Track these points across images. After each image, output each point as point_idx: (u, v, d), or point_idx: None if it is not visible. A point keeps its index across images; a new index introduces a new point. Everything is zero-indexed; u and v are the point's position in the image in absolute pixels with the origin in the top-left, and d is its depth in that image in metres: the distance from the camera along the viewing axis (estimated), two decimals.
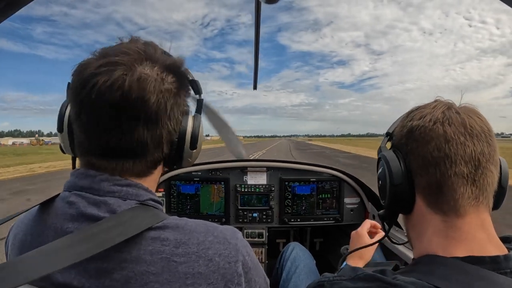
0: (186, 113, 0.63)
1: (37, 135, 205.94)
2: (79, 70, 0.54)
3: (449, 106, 0.60)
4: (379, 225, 1.23)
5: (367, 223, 1.21)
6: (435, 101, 0.64)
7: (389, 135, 0.70)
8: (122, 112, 0.53)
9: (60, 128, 0.60)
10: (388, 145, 0.70)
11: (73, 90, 0.55)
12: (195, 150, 0.64)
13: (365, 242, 1.12)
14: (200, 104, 0.66)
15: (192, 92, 0.65)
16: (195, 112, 0.66)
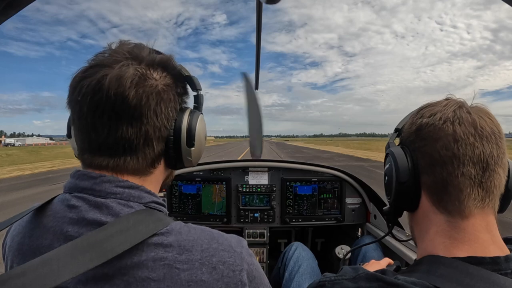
0: (182, 109, 0.62)
1: None
2: (72, 77, 0.57)
3: (461, 105, 0.59)
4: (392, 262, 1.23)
5: (386, 261, 1.19)
6: (447, 99, 0.63)
7: (398, 131, 0.69)
8: (105, 111, 0.54)
9: (68, 135, 0.65)
10: (397, 141, 0.69)
11: (68, 96, 0.58)
12: (193, 148, 0.63)
13: (381, 266, 1.10)
14: (197, 100, 0.65)
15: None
16: (194, 108, 0.65)
